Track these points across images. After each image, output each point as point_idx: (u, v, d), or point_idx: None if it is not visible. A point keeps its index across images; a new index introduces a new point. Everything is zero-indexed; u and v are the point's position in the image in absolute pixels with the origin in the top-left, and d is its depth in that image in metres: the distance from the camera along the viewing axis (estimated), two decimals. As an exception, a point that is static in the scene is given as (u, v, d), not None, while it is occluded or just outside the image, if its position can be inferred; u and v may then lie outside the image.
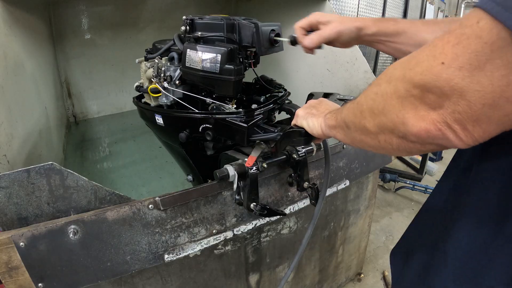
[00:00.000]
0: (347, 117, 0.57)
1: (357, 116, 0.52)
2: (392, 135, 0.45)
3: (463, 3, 5.88)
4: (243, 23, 1.01)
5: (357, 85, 1.65)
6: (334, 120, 0.64)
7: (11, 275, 0.73)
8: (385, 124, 0.45)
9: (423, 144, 0.42)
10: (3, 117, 0.96)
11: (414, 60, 0.40)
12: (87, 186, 0.78)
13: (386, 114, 0.44)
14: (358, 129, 0.53)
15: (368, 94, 0.49)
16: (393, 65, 0.44)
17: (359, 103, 0.52)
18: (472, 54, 0.33)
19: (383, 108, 0.44)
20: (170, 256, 0.91)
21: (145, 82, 1.19)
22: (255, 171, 0.92)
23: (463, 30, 0.35)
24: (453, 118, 0.37)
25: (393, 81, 0.42)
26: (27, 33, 1.59)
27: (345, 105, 0.61)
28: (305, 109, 0.80)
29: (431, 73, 0.36)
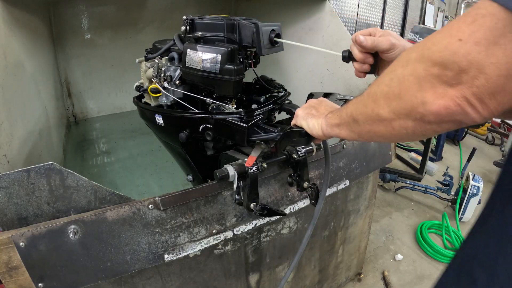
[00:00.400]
0: (355, 110, 0.58)
1: (369, 105, 0.53)
2: (408, 119, 0.46)
3: (463, 3, 5.88)
4: (243, 23, 1.01)
5: (357, 85, 1.65)
6: (338, 118, 0.65)
7: (11, 275, 0.73)
8: (402, 107, 0.46)
9: (440, 123, 0.43)
10: (3, 117, 0.96)
11: (431, 41, 0.42)
12: (87, 186, 0.78)
13: (403, 97, 0.45)
14: (369, 120, 0.53)
15: (382, 82, 0.50)
16: (408, 50, 0.46)
17: (370, 93, 0.53)
18: (487, 30, 0.36)
19: (399, 92, 0.46)
20: (170, 256, 0.91)
21: (145, 82, 1.19)
22: (255, 171, 0.92)
23: (477, 11, 0.38)
24: (471, 92, 0.39)
25: (410, 63, 0.44)
26: (27, 33, 1.59)
27: (349, 103, 0.61)
28: (305, 110, 0.80)
29: (450, 50, 0.39)
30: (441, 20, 5.39)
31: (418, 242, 2.24)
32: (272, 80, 1.29)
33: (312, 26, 1.90)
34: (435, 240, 2.24)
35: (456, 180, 2.80)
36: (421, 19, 4.70)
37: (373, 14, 3.71)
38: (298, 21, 1.97)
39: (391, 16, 4.03)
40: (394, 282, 1.92)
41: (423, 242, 2.20)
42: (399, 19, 4.24)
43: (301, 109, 0.82)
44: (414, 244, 2.25)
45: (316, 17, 1.87)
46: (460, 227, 2.38)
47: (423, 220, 2.42)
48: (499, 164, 3.18)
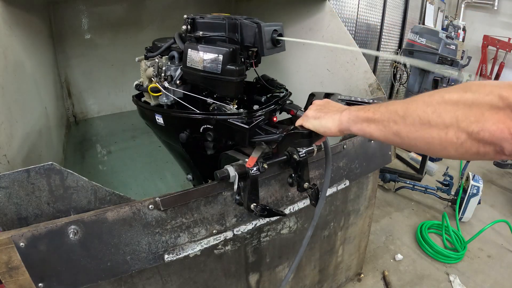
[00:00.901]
0: (407, 109, 0.58)
1: (431, 105, 0.54)
2: (463, 132, 0.49)
3: (463, 3, 5.88)
4: (245, 22, 1.00)
5: (357, 85, 1.65)
6: (372, 112, 0.64)
7: (11, 275, 0.73)
8: (467, 116, 0.49)
9: (486, 144, 0.48)
10: (3, 117, 0.95)
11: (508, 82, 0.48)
12: (87, 186, 0.78)
13: (472, 108, 0.49)
14: (423, 121, 0.55)
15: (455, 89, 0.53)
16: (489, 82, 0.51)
17: (432, 95, 0.55)
18: None
19: (472, 102, 0.49)
20: (170, 256, 0.91)
21: (145, 81, 1.19)
22: (256, 172, 0.92)
23: None
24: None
25: (488, 87, 0.49)
26: (27, 33, 1.59)
27: (386, 103, 0.63)
28: (315, 110, 0.80)
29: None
30: (441, 20, 5.38)
31: (418, 242, 2.24)
32: (273, 80, 1.29)
33: (312, 26, 1.90)
34: (435, 240, 2.24)
35: (456, 180, 2.80)
36: (421, 19, 4.69)
37: (373, 14, 3.71)
38: (298, 21, 1.97)
39: (391, 16, 4.03)
40: (394, 282, 1.92)
41: (423, 242, 2.20)
42: (399, 19, 4.23)
43: (310, 110, 0.82)
44: (414, 244, 2.25)
45: (316, 17, 1.87)
46: (460, 227, 2.38)
47: (423, 220, 2.42)
48: (499, 164, 3.18)
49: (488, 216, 2.60)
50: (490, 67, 5.54)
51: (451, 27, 5.27)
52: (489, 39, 5.36)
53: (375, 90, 1.58)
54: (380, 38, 3.96)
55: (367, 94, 1.60)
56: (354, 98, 1.02)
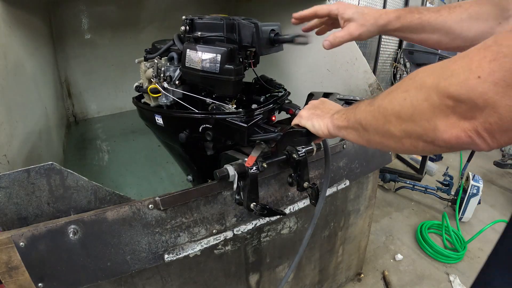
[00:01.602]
0: (364, 119, 0.57)
1: (379, 120, 0.53)
2: (418, 140, 0.47)
3: (463, 3, 5.88)
4: (243, 23, 1.01)
5: (357, 85, 1.65)
6: (346, 121, 0.65)
7: (11, 275, 0.73)
8: (413, 129, 0.47)
9: (450, 148, 0.44)
10: (3, 117, 0.96)
11: (449, 70, 0.41)
12: (87, 186, 0.79)
13: (416, 120, 0.46)
14: (379, 132, 0.54)
15: (394, 99, 0.49)
16: (424, 72, 0.46)
17: (381, 106, 0.53)
18: (507, 72, 0.36)
19: (412, 114, 0.46)
20: (170, 256, 0.91)
21: (145, 82, 1.19)
22: (255, 171, 0.92)
23: (500, 48, 0.37)
24: (484, 128, 0.39)
25: (425, 88, 0.44)
26: (27, 33, 1.59)
27: (358, 106, 0.61)
28: (309, 110, 0.80)
29: (467, 86, 0.39)
30: (441, 20, 5.38)
31: (418, 242, 2.24)
32: (272, 80, 1.29)
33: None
34: (435, 240, 2.24)
35: (456, 180, 2.80)
36: (421, 19, 4.69)
37: (373, 14, 3.71)
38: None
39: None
40: (394, 282, 1.92)
41: (423, 242, 2.20)
42: (399, 19, 4.23)
43: (305, 109, 0.82)
44: (414, 244, 2.25)
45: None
46: (460, 227, 2.38)
47: (423, 220, 2.42)
48: (499, 164, 3.18)
49: (488, 216, 2.60)
50: (490, 67, 5.53)
51: (451, 27, 5.26)
52: (489, 39, 5.35)
53: (375, 90, 1.58)
54: (380, 38, 3.96)
55: (367, 94, 1.60)
56: (353, 97, 1.02)
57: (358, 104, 0.61)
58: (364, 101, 0.59)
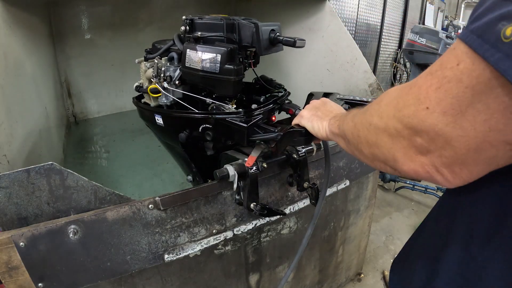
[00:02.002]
0: (347, 132, 0.58)
1: (355, 138, 0.53)
2: (386, 165, 0.46)
3: (463, 3, 5.88)
4: (243, 23, 1.01)
5: (357, 85, 1.65)
6: (337, 128, 0.65)
7: (11, 275, 0.73)
8: (378, 155, 0.46)
9: (414, 178, 0.44)
10: (3, 117, 0.96)
11: (402, 101, 0.40)
12: (87, 186, 0.78)
13: (379, 147, 0.45)
14: (357, 149, 0.54)
15: (364, 122, 0.49)
16: (387, 97, 0.44)
17: (356, 126, 0.53)
18: (454, 99, 0.33)
19: (375, 141, 0.45)
20: (170, 256, 0.91)
21: (145, 82, 1.19)
22: (255, 171, 0.92)
23: (444, 73, 0.35)
24: (441, 162, 0.37)
25: (384, 118, 0.43)
26: (27, 33, 1.59)
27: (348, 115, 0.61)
28: (310, 111, 0.80)
29: (417, 118, 0.37)
30: (441, 20, 5.39)
31: (418, 242, 2.24)
32: (272, 80, 1.29)
33: (312, 26, 1.90)
34: (435, 240, 2.24)
35: (456, 180, 2.80)
36: (421, 19, 4.70)
37: (373, 14, 3.71)
38: (298, 21, 1.97)
39: (391, 16, 4.03)
40: (394, 282, 1.92)
41: (423, 242, 2.20)
42: (399, 19, 4.24)
43: (305, 110, 0.82)
44: (414, 244, 2.25)
45: (316, 17, 1.87)
46: (460, 227, 2.38)
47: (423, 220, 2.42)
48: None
49: (488, 216, 2.60)
50: (490, 67, 5.53)
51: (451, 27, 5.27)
52: (489, 39, 5.35)
53: (375, 90, 1.58)
54: (380, 38, 3.96)
55: (367, 94, 1.60)
56: (353, 97, 1.02)
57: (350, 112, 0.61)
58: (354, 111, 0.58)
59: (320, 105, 0.82)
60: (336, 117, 0.69)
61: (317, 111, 0.79)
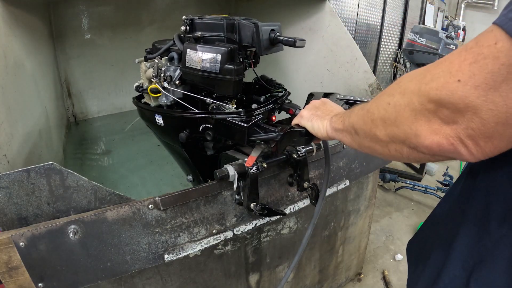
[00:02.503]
0: (356, 123, 0.57)
1: (368, 124, 0.52)
2: (403, 145, 0.46)
3: (463, 3, 5.88)
4: (243, 23, 1.01)
5: (357, 85, 1.65)
6: (341, 124, 0.65)
7: (11, 275, 0.73)
8: (396, 134, 0.46)
9: (433, 155, 0.43)
10: (3, 117, 0.96)
11: (429, 74, 0.40)
12: (87, 186, 0.78)
13: (399, 125, 0.45)
14: (368, 137, 0.53)
15: (380, 103, 0.49)
16: (407, 77, 0.45)
17: (369, 111, 0.52)
18: (488, 74, 0.34)
19: (395, 119, 0.45)
20: (170, 256, 0.91)
21: (145, 82, 1.19)
22: (255, 171, 0.92)
23: (480, 50, 0.35)
24: (466, 134, 0.38)
25: (408, 93, 0.43)
26: (27, 33, 1.59)
27: (353, 110, 0.61)
28: (310, 111, 0.80)
29: (447, 89, 0.37)
30: (441, 20, 5.39)
31: (418, 242, 2.24)
32: (272, 80, 1.29)
33: (312, 26, 1.90)
34: (435, 240, 2.24)
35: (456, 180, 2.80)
36: (421, 19, 4.70)
37: (373, 14, 3.71)
38: (298, 21, 1.97)
39: (391, 16, 4.03)
40: (394, 282, 1.92)
41: (423, 242, 2.20)
42: (399, 19, 4.23)
43: (305, 110, 0.82)
44: (414, 244, 2.25)
45: (316, 17, 1.87)
46: (460, 227, 2.38)
47: (423, 220, 2.42)
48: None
49: (488, 216, 2.60)
50: (490, 67, 5.54)
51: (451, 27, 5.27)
52: (489, 39, 5.35)
53: (375, 90, 1.58)
54: (380, 38, 3.96)
55: (367, 94, 1.60)
56: (353, 97, 1.02)
57: (355, 108, 0.61)
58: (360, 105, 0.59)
59: (320, 105, 0.82)
60: (338, 115, 0.69)
61: (317, 110, 0.79)
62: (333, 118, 0.70)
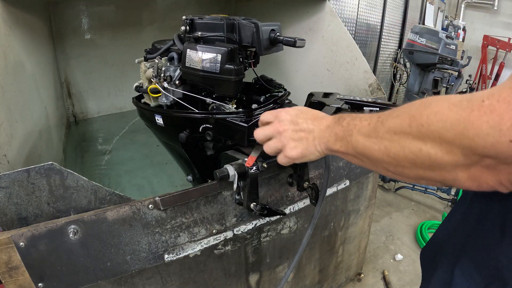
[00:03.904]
0: (369, 153, 0.51)
1: (390, 162, 0.48)
2: (436, 183, 0.45)
3: (463, 3, 5.88)
4: (243, 23, 1.01)
5: (357, 85, 1.65)
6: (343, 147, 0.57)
7: (11, 275, 0.73)
8: (431, 177, 0.43)
9: (471, 189, 0.42)
10: (3, 117, 0.96)
11: (472, 128, 0.36)
12: (87, 186, 0.78)
13: (434, 170, 0.42)
14: (391, 170, 0.49)
15: (407, 146, 0.44)
16: (439, 121, 0.40)
17: (390, 150, 0.47)
18: None
19: (429, 166, 0.42)
20: (170, 256, 0.91)
21: (145, 82, 1.19)
22: (255, 171, 0.92)
23: None
24: (508, 179, 0.37)
25: (445, 144, 0.39)
26: (27, 33, 1.59)
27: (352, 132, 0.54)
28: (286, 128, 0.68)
29: (497, 149, 0.35)
30: (441, 20, 5.39)
31: (418, 242, 2.24)
32: (272, 80, 1.29)
33: (312, 26, 1.91)
34: (435, 240, 2.24)
35: (456, 180, 2.80)
36: (421, 19, 4.69)
37: (373, 14, 3.71)
38: (298, 21, 1.97)
39: (391, 16, 4.03)
40: (394, 282, 1.92)
41: (423, 242, 2.20)
42: (399, 19, 4.23)
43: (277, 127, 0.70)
44: (414, 244, 2.25)
45: (316, 17, 1.87)
46: (460, 227, 2.38)
47: (423, 220, 2.42)
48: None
49: (488, 216, 2.60)
50: (490, 67, 5.54)
51: (451, 27, 5.27)
52: (489, 39, 5.36)
53: (375, 90, 1.58)
54: (380, 38, 3.96)
55: (367, 94, 1.60)
56: (353, 97, 1.02)
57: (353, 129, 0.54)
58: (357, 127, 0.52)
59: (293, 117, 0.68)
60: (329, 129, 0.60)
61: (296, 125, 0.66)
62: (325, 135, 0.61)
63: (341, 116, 0.59)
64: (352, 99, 1.02)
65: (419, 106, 0.44)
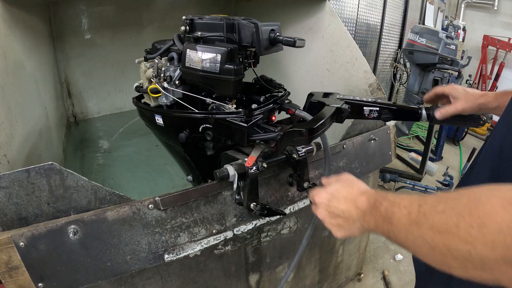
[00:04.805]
0: (415, 250, 0.49)
1: (438, 262, 0.45)
2: (487, 281, 0.42)
3: (463, 3, 5.88)
4: (242, 23, 1.01)
5: (357, 85, 1.65)
6: (385, 234, 0.54)
7: (11, 275, 0.73)
8: (483, 277, 0.41)
9: None
10: (3, 117, 0.96)
11: None
12: (87, 186, 0.78)
13: (486, 271, 0.40)
14: (436, 264, 0.46)
15: (454, 248, 0.41)
16: (495, 225, 0.38)
17: (435, 249, 0.44)
18: None
19: (481, 267, 0.40)
20: (170, 256, 0.91)
21: (145, 82, 1.19)
22: (255, 171, 0.92)
23: None
24: None
25: (499, 248, 0.37)
26: (27, 33, 1.59)
27: (392, 220, 0.51)
28: (329, 216, 0.72)
29: None
30: (441, 20, 5.38)
31: (418, 242, 2.24)
32: (272, 80, 1.29)
33: (312, 26, 1.91)
34: (435, 240, 2.24)
35: (456, 180, 2.80)
36: (421, 19, 4.69)
37: (373, 14, 3.71)
38: (298, 21, 1.97)
39: (391, 16, 4.03)
40: (394, 282, 1.92)
41: (423, 242, 2.20)
42: (399, 19, 4.23)
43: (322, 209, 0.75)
44: (414, 244, 2.25)
45: (316, 17, 1.87)
46: (460, 227, 2.38)
47: (423, 220, 2.42)
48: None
49: (488, 216, 2.60)
50: (490, 67, 5.54)
51: (451, 27, 5.27)
52: (489, 39, 5.36)
53: (375, 90, 1.58)
54: (380, 38, 3.96)
55: (367, 94, 1.60)
56: (353, 97, 1.02)
57: (388, 216, 0.52)
58: (396, 216, 0.50)
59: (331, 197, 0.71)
60: (366, 216, 0.59)
61: (336, 218, 0.69)
62: (365, 220, 0.60)
63: (377, 200, 0.57)
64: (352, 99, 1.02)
65: (467, 202, 0.41)
